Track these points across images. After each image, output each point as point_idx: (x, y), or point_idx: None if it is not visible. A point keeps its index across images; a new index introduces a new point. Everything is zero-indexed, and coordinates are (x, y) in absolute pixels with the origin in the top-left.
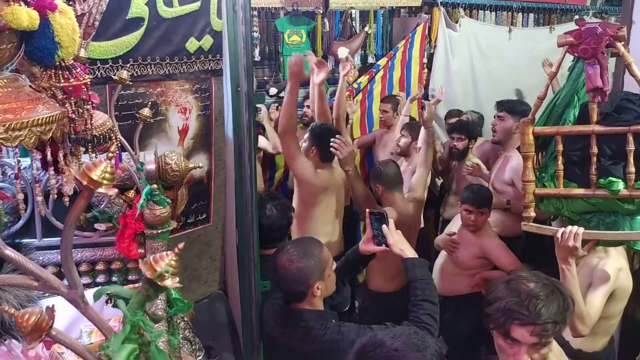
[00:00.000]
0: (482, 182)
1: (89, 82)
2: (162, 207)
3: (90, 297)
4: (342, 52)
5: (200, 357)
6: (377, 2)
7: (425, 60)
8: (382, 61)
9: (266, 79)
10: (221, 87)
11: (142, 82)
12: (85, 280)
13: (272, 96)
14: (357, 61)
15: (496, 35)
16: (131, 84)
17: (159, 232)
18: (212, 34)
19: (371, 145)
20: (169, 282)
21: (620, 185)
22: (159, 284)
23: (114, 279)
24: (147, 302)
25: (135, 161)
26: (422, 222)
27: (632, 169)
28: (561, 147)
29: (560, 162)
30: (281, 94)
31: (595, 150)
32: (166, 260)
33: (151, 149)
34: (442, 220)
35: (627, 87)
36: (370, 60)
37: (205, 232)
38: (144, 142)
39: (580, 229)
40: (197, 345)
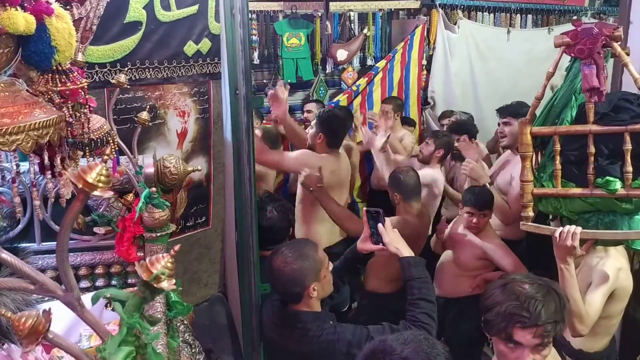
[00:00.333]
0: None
1: (86, 86)
2: (161, 210)
3: (89, 301)
4: (341, 54)
5: None
6: (376, 4)
7: (424, 62)
8: (381, 63)
9: (265, 81)
10: (219, 90)
11: (140, 85)
12: (84, 283)
13: None
14: (356, 63)
15: (495, 36)
16: (129, 87)
17: (158, 235)
18: (210, 37)
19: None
20: (165, 284)
21: (617, 184)
22: (155, 286)
23: (113, 282)
24: (143, 305)
25: (133, 164)
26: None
27: (629, 168)
28: (559, 147)
29: (557, 161)
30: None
31: (592, 149)
32: (162, 262)
33: (150, 153)
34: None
35: (625, 87)
36: (369, 62)
37: (204, 235)
38: (142, 146)
39: (578, 229)
40: (197, 348)
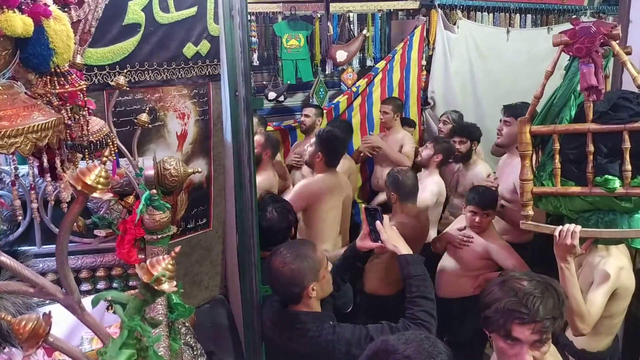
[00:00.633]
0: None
1: (85, 88)
2: (161, 212)
3: (90, 304)
4: (341, 55)
5: None
6: (375, 5)
7: (424, 62)
8: (381, 64)
9: (265, 83)
10: (219, 92)
11: (139, 88)
12: (85, 286)
13: (270, 100)
14: (355, 64)
15: (494, 36)
16: (129, 89)
17: (159, 237)
18: (209, 39)
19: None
20: (165, 286)
21: (616, 183)
22: (156, 288)
23: (114, 285)
24: (144, 307)
25: (134, 167)
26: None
27: (628, 166)
28: (558, 146)
29: (557, 160)
30: (280, 98)
31: (591, 148)
32: (163, 264)
33: (150, 155)
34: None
35: (625, 86)
36: (368, 63)
37: (205, 237)
38: (142, 148)
39: (577, 227)
40: (198, 350)
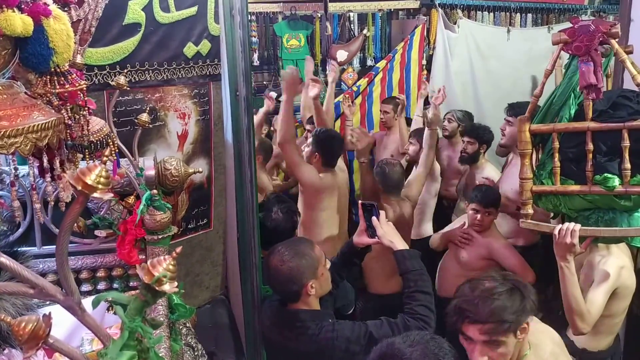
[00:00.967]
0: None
1: (85, 88)
2: (162, 213)
3: (90, 305)
4: (341, 55)
5: None
6: (375, 4)
7: (424, 61)
8: (381, 63)
9: (265, 83)
10: (220, 92)
11: (140, 87)
12: (86, 287)
13: None
14: (356, 64)
15: (495, 35)
16: (129, 89)
17: (160, 237)
18: (210, 38)
19: (372, 147)
20: (167, 286)
21: (615, 181)
22: (157, 289)
23: (115, 285)
24: (145, 308)
25: (134, 167)
26: (432, 229)
27: (627, 165)
28: (557, 145)
29: (556, 159)
30: (280, 98)
31: (590, 147)
32: (164, 264)
33: (150, 155)
34: None
35: (626, 85)
36: (369, 62)
37: (206, 237)
38: (143, 148)
39: (577, 226)
40: (199, 351)
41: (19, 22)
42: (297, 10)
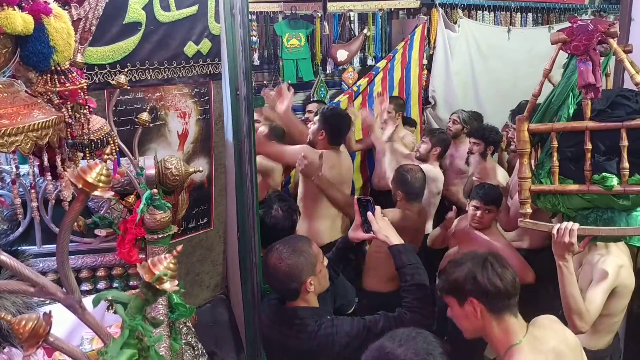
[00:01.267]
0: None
1: (86, 86)
2: (162, 212)
3: (90, 304)
4: (341, 54)
5: None
6: (375, 4)
7: (424, 61)
8: (382, 63)
9: (265, 82)
10: (220, 91)
11: (140, 87)
12: (86, 286)
13: None
14: (356, 64)
15: (495, 35)
16: (129, 88)
17: (160, 237)
18: (210, 37)
19: (372, 147)
20: (167, 285)
21: (614, 180)
22: (158, 287)
23: (115, 285)
24: (146, 306)
25: (134, 166)
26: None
27: (625, 164)
28: (556, 144)
29: (555, 158)
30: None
31: (589, 146)
32: (164, 263)
33: (151, 154)
34: None
35: (627, 85)
36: (369, 62)
37: (206, 237)
38: (143, 147)
39: (575, 225)
40: (199, 350)
41: (20, 21)
42: (298, 9)
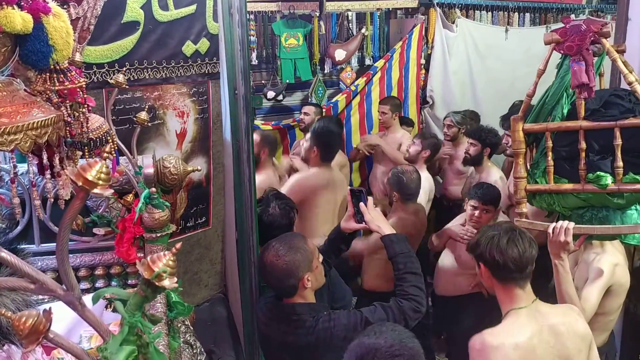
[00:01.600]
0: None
1: (84, 85)
2: (161, 211)
3: (89, 302)
4: (339, 54)
5: None
6: (374, 4)
7: (422, 61)
8: (380, 63)
9: (264, 82)
10: (218, 90)
11: (139, 86)
12: (84, 285)
13: (269, 99)
14: (354, 63)
15: (493, 35)
16: (128, 88)
17: (158, 235)
18: (209, 37)
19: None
20: (166, 282)
21: (608, 179)
22: (157, 284)
23: (113, 283)
24: (145, 303)
25: (133, 165)
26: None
27: (619, 163)
28: (550, 144)
29: (550, 158)
30: (279, 97)
31: (583, 145)
32: (164, 260)
33: (149, 153)
34: None
35: (623, 84)
36: (367, 62)
37: (205, 236)
38: (142, 146)
39: (570, 224)
40: (198, 349)
41: (19, 20)
42: (296, 9)
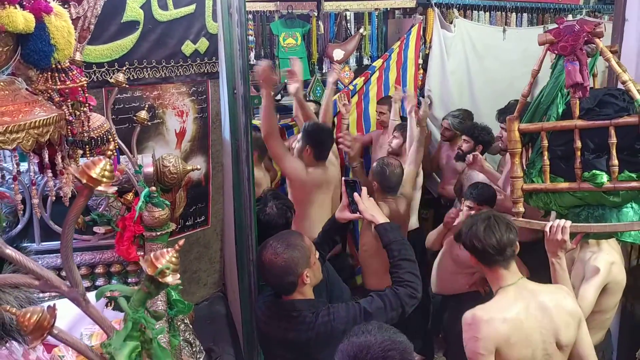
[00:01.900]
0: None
1: (85, 84)
2: (160, 209)
3: (91, 299)
4: (338, 54)
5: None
6: (372, 4)
7: (420, 61)
8: (378, 62)
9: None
10: (218, 90)
11: (138, 85)
12: (84, 283)
13: None
14: (352, 63)
15: (490, 35)
16: (127, 87)
17: (158, 234)
18: (208, 36)
19: (368, 146)
20: (170, 278)
21: (604, 178)
22: (160, 280)
23: (113, 281)
24: (148, 299)
25: (133, 164)
26: (417, 222)
27: (615, 161)
28: (546, 143)
29: (545, 157)
30: (277, 97)
31: (578, 144)
32: (167, 257)
33: (149, 152)
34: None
35: (620, 84)
36: (365, 62)
37: (204, 235)
38: (141, 145)
39: (567, 222)
40: (197, 347)
41: (21, 19)
42: (294, 9)
